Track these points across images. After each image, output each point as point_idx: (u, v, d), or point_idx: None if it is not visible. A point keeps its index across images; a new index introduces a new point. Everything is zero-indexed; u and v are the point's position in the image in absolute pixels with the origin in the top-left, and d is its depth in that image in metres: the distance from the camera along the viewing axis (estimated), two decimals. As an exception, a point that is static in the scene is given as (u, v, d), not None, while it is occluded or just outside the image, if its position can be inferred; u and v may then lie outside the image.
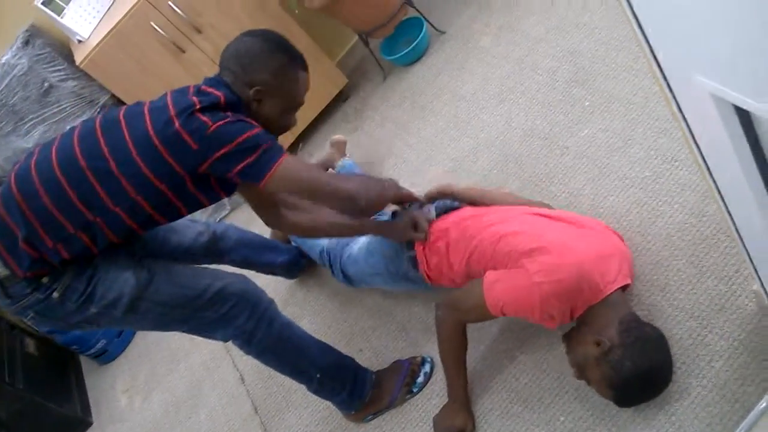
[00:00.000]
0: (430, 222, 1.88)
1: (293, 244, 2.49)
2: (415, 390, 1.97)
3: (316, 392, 1.94)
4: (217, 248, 2.12)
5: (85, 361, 3.28)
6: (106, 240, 1.57)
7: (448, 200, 1.95)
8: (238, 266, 2.23)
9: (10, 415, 2.74)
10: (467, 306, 1.65)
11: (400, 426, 1.95)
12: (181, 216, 1.66)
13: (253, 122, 1.53)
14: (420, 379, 1.97)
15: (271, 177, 1.50)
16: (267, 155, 1.49)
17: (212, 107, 1.50)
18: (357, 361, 2.00)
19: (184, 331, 1.78)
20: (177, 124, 1.45)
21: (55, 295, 1.55)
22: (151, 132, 1.47)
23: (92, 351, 3.08)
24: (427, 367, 1.98)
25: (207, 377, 2.62)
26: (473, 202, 1.92)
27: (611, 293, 1.52)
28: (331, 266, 2.19)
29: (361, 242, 2.09)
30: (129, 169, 1.48)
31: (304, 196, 1.67)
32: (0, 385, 2.73)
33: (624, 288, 1.58)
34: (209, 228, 2.12)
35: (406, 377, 1.97)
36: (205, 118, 1.46)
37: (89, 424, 2.97)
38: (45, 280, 1.55)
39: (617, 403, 1.52)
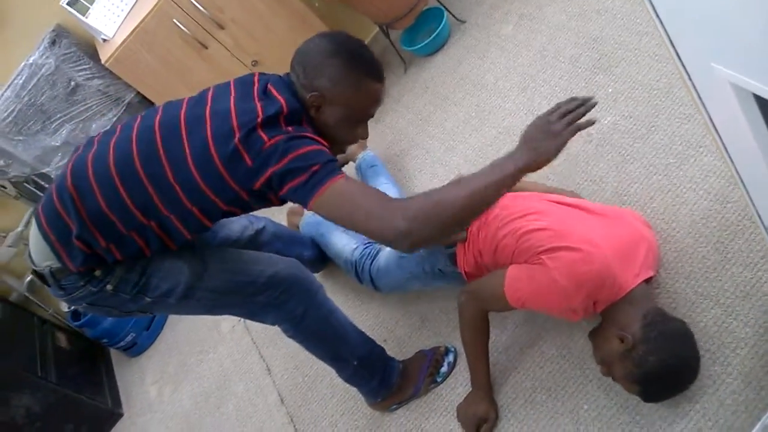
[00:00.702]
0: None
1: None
2: (438, 380, 1.98)
3: (348, 379, 1.96)
4: (257, 241, 2.13)
5: (114, 354, 3.35)
6: (159, 242, 1.54)
7: None
8: None
9: (43, 408, 2.82)
10: (488, 295, 1.66)
11: (424, 416, 1.96)
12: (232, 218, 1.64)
13: (312, 136, 1.43)
14: (444, 369, 1.98)
15: (318, 199, 1.37)
16: (318, 176, 1.36)
17: (274, 119, 1.41)
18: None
19: (234, 315, 1.80)
20: (237, 138, 1.39)
21: (109, 287, 1.55)
22: (211, 144, 1.42)
23: (122, 344, 3.14)
24: (450, 357, 1.99)
25: (234, 369, 2.66)
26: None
27: (635, 287, 1.51)
28: (358, 276, 2.20)
29: (387, 251, 2.10)
30: (185, 180, 1.45)
31: (348, 225, 1.41)
32: (33, 379, 2.80)
33: (648, 280, 1.57)
34: (251, 223, 2.13)
35: (429, 367, 1.99)
36: (263, 134, 1.39)
37: (120, 415, 3.04)
38: (98, 273, 1.54)
39: (643, 398, 1.51)
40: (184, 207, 1.48)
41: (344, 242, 2.30)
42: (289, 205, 2.03)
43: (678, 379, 1.49)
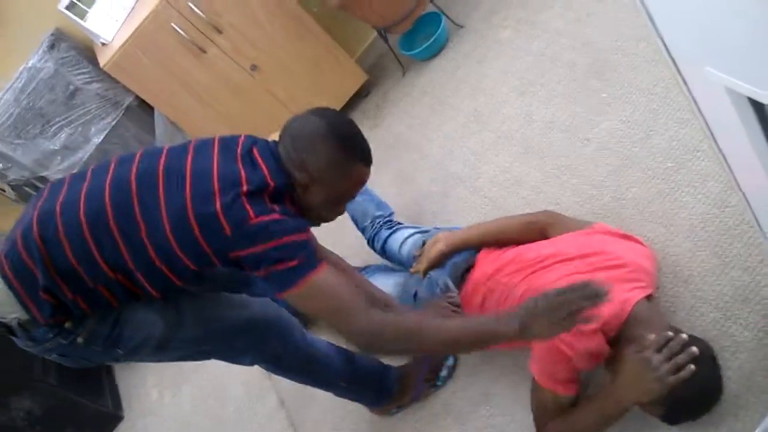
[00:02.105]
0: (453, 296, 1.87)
1: None
2: (438, 384, 1.98)
3: (342, 396, 1.96)
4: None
5: (115, 358, 3.34)
6: (127, 294, 1.47)
7: (457, 258, 1.95)
8: None
9: (44, 410, 2.82)
10: (542, 406, 1.60)
11: (425, 419, 1.96)
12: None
13: (296, 221, 1.42)
14: (443, 373, 1.98)
15: (293, 291, 1.38)
16: (298, 270, 1.37)
17: (259, 193, 1.38)
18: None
19: (213, 358, 1.74)
20: (218, 204, 1.35)
21: (80, 340, 1.48)
22: (189, 205, 1.37)
23: (122, 348, 3.13)
24: (450, 361, 1.99)
25: (234, 372, 2.65)
26: (480, 246, 1.92)
27: (633, 308, 1.48)
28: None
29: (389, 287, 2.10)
30: (158, 241, 1.39)
31: (326, 318, 1.47)
32: (34, 382, 2.80)
33: (649, 297, 1.55)
34: None
35: (429, 371, 1.99)
36: (248, 207, 1.35)
37: (121, 418, 3.04)
38: (68, 325, 1.46)
39: (665, 420, 1.45)
40: (153, 265, 1.42)
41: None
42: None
43: (704, 402, 1.44)
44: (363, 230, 2.34)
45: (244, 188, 1.36)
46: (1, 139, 2.74)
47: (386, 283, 2.11)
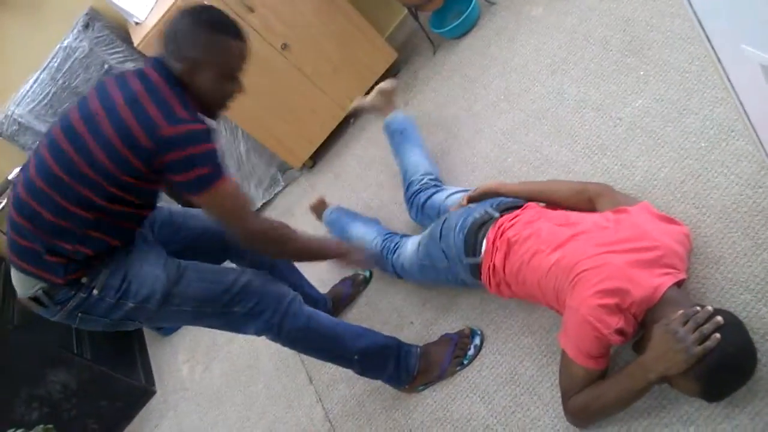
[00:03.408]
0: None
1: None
2: (465, 362, 1.99)
3: (361, 374, 2.02)
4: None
5: (148, 334, 3.43)
6: (118, 229, 1.68)
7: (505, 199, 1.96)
8: None
9: (79, 384, 2.91)
10: (572, 381, 1.59)
11: (451, 397, 1.98)
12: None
13: (207, 131, 1.56)
14: (470, 352, 1.99)
15: (206, 195, 1.56)
16: (213, 174, 1.56)
17: (163, 100, 1.53)
18: (408, 332, 2.03)
19: (219, 327, 1.88)
20: (132, 122, 1.50)
21: (95, 292, 1.67)
22: (111, 133, 1.52)
23: (155, 322, 3.21)
24: (477, 340, 2.00)
25: (264, 348, 2.71)
26: (528, 200, 1.92)
27: (664, 293, 1.46)
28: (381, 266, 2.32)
29: (409, 254, 2.14)
30: (101, 170, 1.54)
31: (226, 218, 1.66)
32: (69, 356, 2.89)
33: (680, 283, 1.53)
34: None
35: (455, 350, 2.00)
36: (160, 119, 1.50)
37: (153, 393, 3.12)
38: (84, 280, 1.66)
39: (706, 397, 1.42)
40: (108, 190, 1.57)
41: (363, 234, 2.38)
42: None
43: (740, 369, 1.40)
44: (410, 183, 2.37)
45: (148, 100, 1.52)
46: (38, 117, 2.80)
47: (417, 239, 2.14)
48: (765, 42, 0.78)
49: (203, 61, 1.60)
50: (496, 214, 1.88)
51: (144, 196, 1.69)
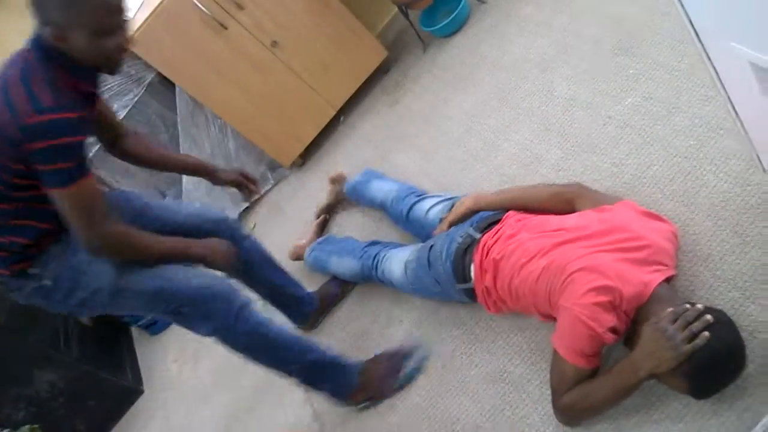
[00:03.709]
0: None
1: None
2: (403, 382, 2.05)
3: (300, 384, 2.05)
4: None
5: (136, 333, 3.41)
6: (41, 212, 1.65)
7: (485, 214, 1.96)
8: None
9: (66, 383, 2.90)
10: (563, 379, 1.59)
11: (440, 395, 1.97)
12: None
13: (73, 123, 1.53)
14: (411, 368, 2.04)
15: (65, 190, 1.54)
16: (75, 170, 1.53)
17: (34, 84, 1.50)
18: (398, 331, 2.04)
19: (175, 322, 1.90)
20: (0, 102, 1.50)
21: (47, 282, 1.69)
22: None
23: (142, 322, 3.20)
24: (417, 357, 2.05)
25: (253, 347, 2.69)
26: (507, 210, 1.92)
27: (654, 290, 1.47)
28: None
29: (398, 277, 2.15)
30: None
31: (76, 218, 1.61)
32: (57, 356, 2.87)
33: (669, 279, 1.54)
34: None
35: (396, 366, 2.05)
36: (26, 106, 1.47)
37: (141, 392, 3.10)
38: (32, 270, 1.69)
39: (694, 394, 1.43)
40: (8, 181, 1.58)
41: (343, 268, 2.41)
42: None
43: (729, 367, 1.40)
44: (393, 201, 2.38)
45: (18, 87, 1.50)
46: (25, 114, 2.77)
47: (401, 257, 2.14)
48: (754, 40, 0.78)
49: (66, 22, 1.52)
50: (477, 235, 1.88)
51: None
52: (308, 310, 2.41)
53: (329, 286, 2.51)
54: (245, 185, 2.16)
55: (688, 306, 1.39)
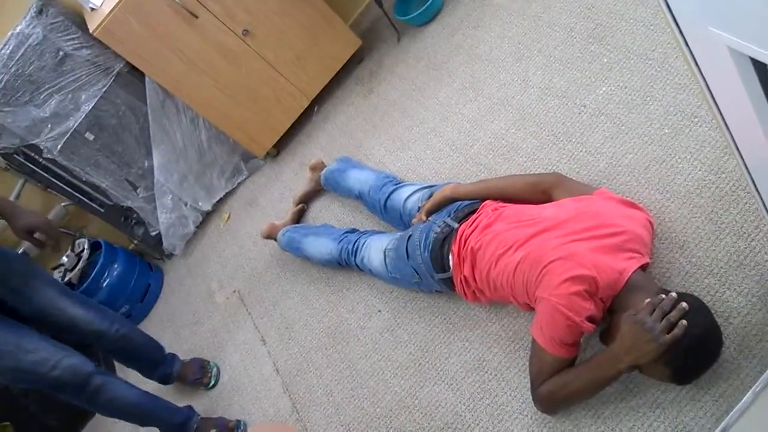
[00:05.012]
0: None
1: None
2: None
3: None
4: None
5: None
6: None
7: (461, 204, 1.96)
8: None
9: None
10: (542, 368, 1.59)
11: (419, 384, 1.97)
12: None
13: None
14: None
15: None
16: None
17: None
18: (377, 321, 2.02)
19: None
20: None
21: None
22: None
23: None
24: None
25: (229, 339, 2.67)
26: (484, 199, 1.92)
27: (630, 278, 1.48)
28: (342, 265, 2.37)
29: (377, 266, 2.15)
30: None
31: None
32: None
33: (644, 267, 1.55)
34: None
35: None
36: None
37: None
38: None
39: (676, 380, 1.45)
40: None
41: (318, 249, 2.42)
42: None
43: (708, 351, 1.42)
44: (369, 190, 2.38)
45: None
46: (-10, 105, 2.70)
47: (380, 245, 2.13)
48: (732, 24, 0.78)
49: None
50: (455, 224, 1.88)
51: None
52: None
53: (192, 366, 2.63)
54: (40, 241, 2.10)
55: (663, 296, 1.40)
